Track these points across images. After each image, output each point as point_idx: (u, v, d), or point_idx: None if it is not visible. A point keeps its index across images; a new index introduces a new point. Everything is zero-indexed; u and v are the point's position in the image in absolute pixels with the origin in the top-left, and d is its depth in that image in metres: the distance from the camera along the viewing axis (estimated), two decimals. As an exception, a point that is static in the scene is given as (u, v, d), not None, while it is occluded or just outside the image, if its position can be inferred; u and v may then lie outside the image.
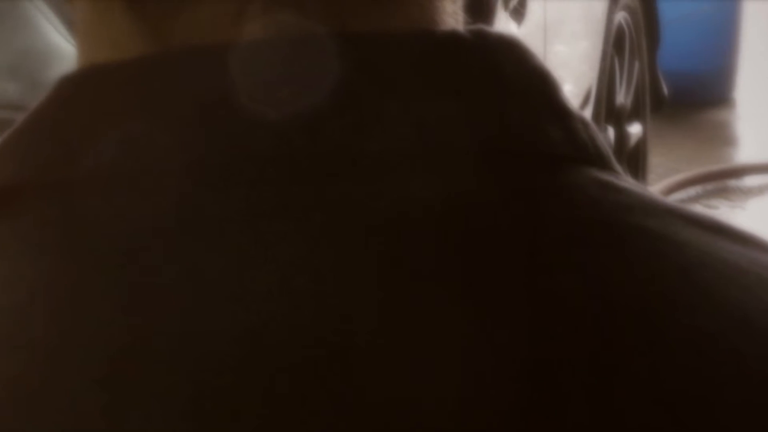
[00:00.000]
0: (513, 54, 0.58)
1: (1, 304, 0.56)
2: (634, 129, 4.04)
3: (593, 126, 0.59)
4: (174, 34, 0.59)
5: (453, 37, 0.59)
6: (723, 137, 4.42)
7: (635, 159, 4.07)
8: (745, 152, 4.61)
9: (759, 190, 4.55)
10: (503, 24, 2.94)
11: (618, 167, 0.59)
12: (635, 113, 4.06)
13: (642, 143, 4.09)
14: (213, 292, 0.55)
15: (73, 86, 0.62)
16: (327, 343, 0.52)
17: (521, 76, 0.58)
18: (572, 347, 0.49)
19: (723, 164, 4.41)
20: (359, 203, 0.56)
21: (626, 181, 0.58)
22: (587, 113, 3.57)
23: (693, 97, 4.26)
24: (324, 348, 0.52)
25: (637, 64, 4.13)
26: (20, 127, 0.61)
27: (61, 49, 2.68)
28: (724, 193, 4.38)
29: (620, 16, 3.91)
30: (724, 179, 4.39)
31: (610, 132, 3.93)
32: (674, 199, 4.06)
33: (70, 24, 0.98)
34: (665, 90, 4.23)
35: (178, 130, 0.58)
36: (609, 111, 3.88)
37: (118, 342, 0.53)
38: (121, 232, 0.57)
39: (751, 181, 4.66)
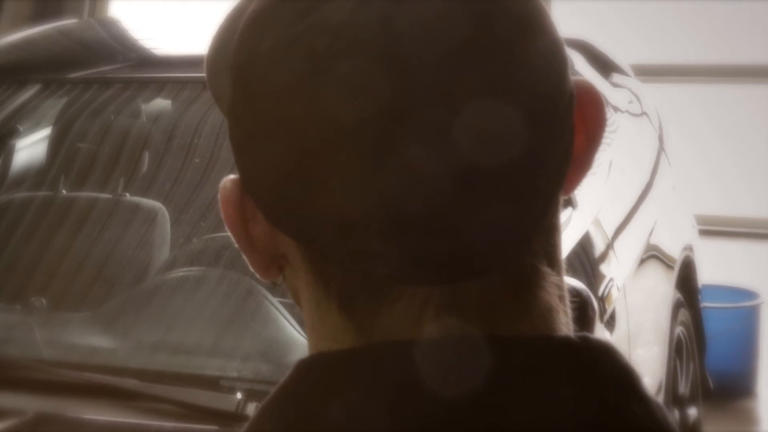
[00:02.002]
0: (609, 355, 0.72)
1: None
2: (692, 412, 3.91)
3: (665, 409, 0.72)
4: (374, 330, 0.71)
5: (567, 341, 0.71)
6: (752, 419, 4.50)
7: (694, 434, 3.84)
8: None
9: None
10: (600, 332, 2.89)
11: None
12: (692, 400, 3.95)
13: (697, 422, 3.88)
14: None
15: (307, 368, 0.73)
16: None
17: (615, 371, 0.71)
18: None
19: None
20: None
21: None
22: (660, 399, 2.98)
23: (729, 389, 4.36)
24: None
25: (691, 365, 3.97)
26: (273, 397, 0.72)
27: (296, 340, 2.63)
28: (755, 459, 4.26)
29: (679, 330, 3.82)
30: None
31: (676, 413, 3.77)
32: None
33: (301, 322, 0.97)
34: (711, 384, 4.13)
35: (383, 402, 0.68)
36: (674, 398, 3.75)
37: None
38: None
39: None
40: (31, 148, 3.65)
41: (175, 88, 3.37)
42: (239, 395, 2.39)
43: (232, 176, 0.79)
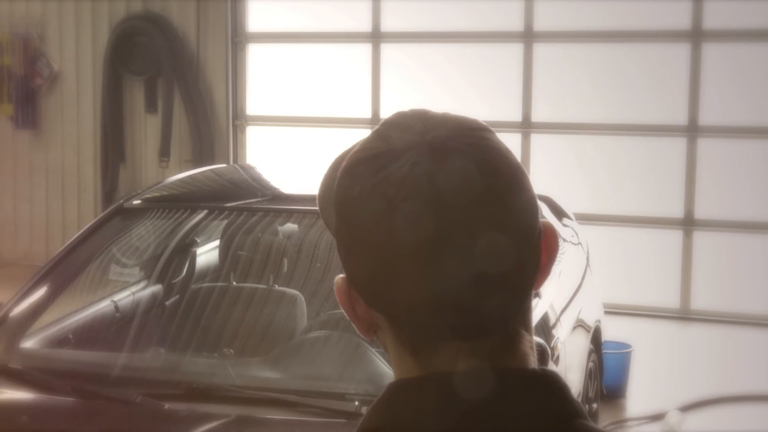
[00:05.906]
0: (555, 378, 0.89)
1: None
2: (595, 405, 4.60)
3: (581, 404, 0.88)
4: (430, 367, 0.85)
5: (534, 371, 0.87)
6: (624, 409, 5.15)
7: (595, 416, 4.63)
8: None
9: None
10: (551, 366, 3.10)
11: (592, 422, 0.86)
12: (595, 400, 4.62)
13: (597, 411, 4.67)
14: None
15: (394, 388, 0.88)
16: None
17: (558, 387, 0.88)
18: None
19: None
20: None
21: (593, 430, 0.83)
22: (579, 399, 3.57)
23: (613, 394, 5.17)
24: None
25: (595, 382, 4.59)
26: (376, 403, 0.87)
27: (387, 373, 2.85)
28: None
29: (590, 365, 4.43)
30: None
31: (587, 406, 4.38)
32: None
33: (389, 362, 0.89)
34: (604, 391, 4.92)
35: (437, 405, 0.84)
36: (586, 398, 4.36)
37: None
38: None
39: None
40: (207, 254, 4.04)
41: (299, 216, 3.70)
42: (356, 402, 2.79)
43: (341, 275, 0.84)
